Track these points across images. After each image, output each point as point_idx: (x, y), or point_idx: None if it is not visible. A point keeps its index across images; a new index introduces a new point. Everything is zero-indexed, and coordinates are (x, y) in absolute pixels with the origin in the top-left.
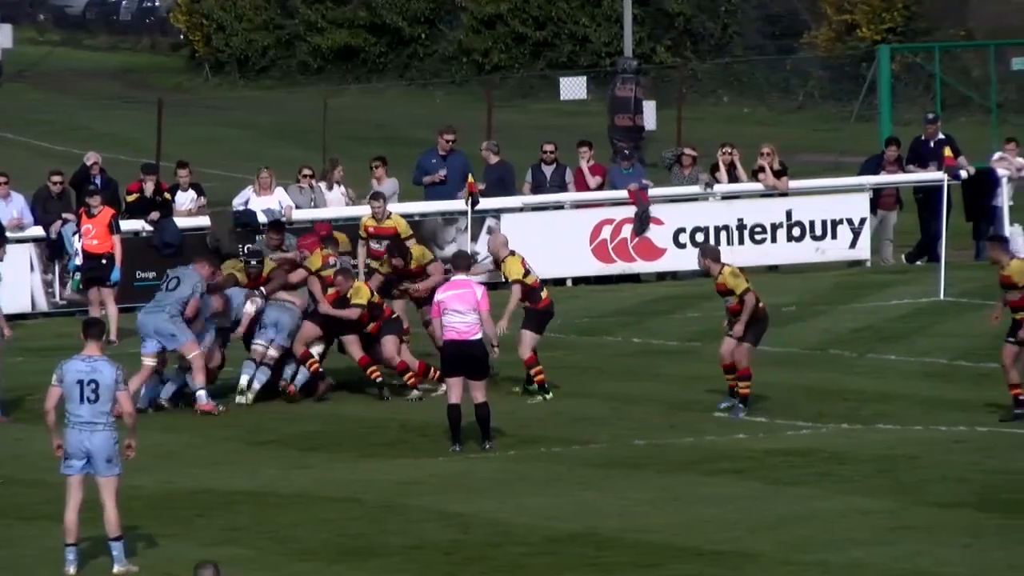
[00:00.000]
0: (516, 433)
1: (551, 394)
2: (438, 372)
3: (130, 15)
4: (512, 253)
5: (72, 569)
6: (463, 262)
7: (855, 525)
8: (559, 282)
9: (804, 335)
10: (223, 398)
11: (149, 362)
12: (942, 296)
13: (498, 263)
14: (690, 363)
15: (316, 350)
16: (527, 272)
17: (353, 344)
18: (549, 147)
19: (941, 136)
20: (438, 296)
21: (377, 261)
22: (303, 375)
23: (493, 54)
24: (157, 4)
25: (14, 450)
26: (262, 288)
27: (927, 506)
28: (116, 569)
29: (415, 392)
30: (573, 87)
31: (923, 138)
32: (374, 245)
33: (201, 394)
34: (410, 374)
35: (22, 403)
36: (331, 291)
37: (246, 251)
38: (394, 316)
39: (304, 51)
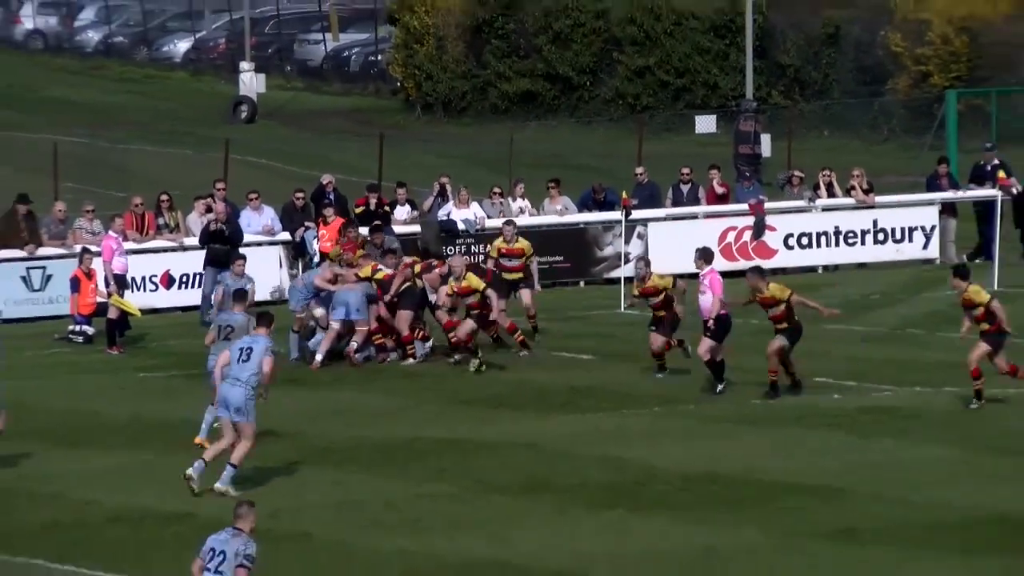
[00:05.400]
0: (658, 395)
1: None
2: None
3: (358, 66)
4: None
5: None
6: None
7: (931, 469)
8: (693, 275)
9: (887, 318)
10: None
11: (336, 326)
12: (995, 287)
13: (458, 277)
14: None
15: None
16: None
17: (403, 322)
18: (686, 171)
19: (996, 161)
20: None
21: (511, 275)
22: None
23: (643, 97)
24: (379, 58)
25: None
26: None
27: (990, 454)
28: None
29: (411, 360)
30: (706, 123)
31: (982, 163)
32: (505, 262)
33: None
34: (411, 347)
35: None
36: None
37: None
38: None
39: (494, 95)
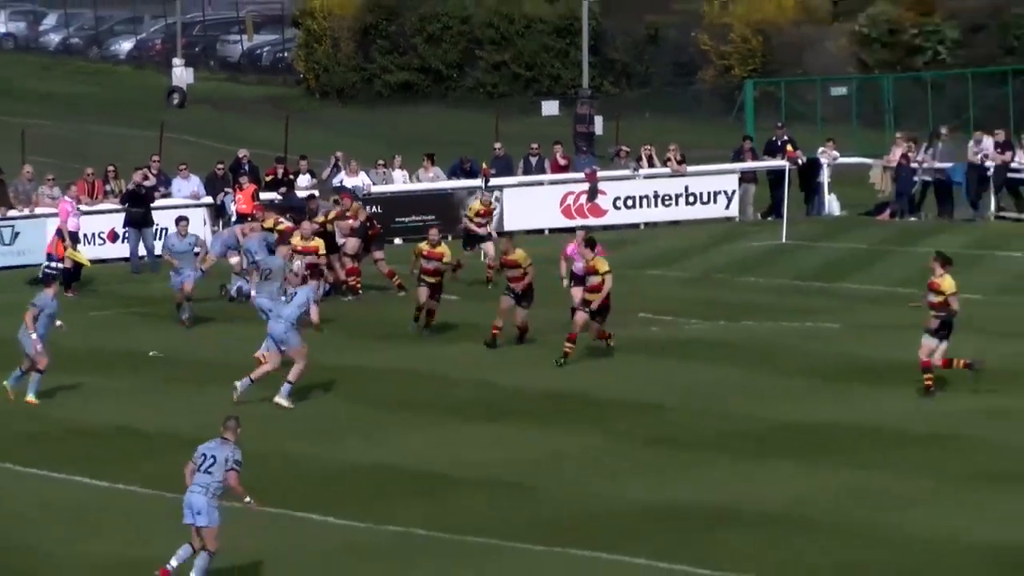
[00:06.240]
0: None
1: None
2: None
3: (269, 61)
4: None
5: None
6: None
7: (734, 388)
8: (539, 231)
9: (696, 265)
10: None
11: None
12: (784, 240)
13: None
14: (625, 286)
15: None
16: None
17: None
18: (534, 146)
19: (785, 137)
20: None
21: (483, 230)
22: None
23: (500, 86)
24: (286, 55)
25: None
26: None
27: (784, 376)
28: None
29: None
30: (550, 107)
31: (774, 138)
32: (480, 220)
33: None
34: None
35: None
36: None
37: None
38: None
39: (379, 85)
